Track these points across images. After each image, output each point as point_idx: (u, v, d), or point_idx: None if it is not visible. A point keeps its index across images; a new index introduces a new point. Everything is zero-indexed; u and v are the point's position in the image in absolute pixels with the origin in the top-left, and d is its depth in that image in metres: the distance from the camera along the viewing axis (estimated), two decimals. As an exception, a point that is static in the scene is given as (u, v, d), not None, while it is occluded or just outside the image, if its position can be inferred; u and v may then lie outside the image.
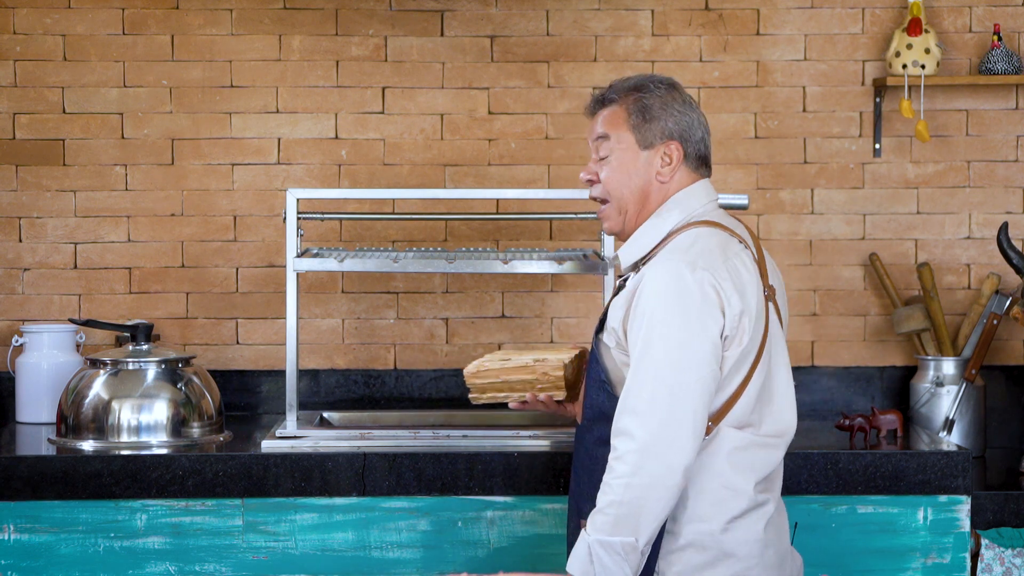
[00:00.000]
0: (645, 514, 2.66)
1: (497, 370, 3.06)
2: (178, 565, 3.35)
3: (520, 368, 3.05)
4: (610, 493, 2.68)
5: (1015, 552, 3.42)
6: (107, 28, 4.08)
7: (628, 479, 2.66)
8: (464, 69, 4.11)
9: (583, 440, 2.93)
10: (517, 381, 3.05)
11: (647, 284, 2.75)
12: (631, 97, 2.90)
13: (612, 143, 2.89)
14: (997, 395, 4.07)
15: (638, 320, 2.74)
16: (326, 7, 4.10)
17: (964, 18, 4.13)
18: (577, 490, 2.93)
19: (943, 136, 4.13)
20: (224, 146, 4.11)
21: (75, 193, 4.10)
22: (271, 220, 4.11)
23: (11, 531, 3.34)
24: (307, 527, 3.36)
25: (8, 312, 4.10)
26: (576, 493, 2.94)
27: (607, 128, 2.90)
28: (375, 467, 3.36)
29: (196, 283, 4.11)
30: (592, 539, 2.69)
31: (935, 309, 3.98)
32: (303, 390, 4.04)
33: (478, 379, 3.08)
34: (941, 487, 3.37)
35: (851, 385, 4.13)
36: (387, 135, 4.12)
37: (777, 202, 4.14)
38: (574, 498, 2.95)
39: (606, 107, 2.92)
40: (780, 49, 4.13)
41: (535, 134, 4.12)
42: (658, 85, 2.90)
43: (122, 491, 3.34)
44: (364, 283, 4.12)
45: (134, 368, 3.61)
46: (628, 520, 2.66)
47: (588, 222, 4.02)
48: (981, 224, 4.13)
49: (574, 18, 4.11)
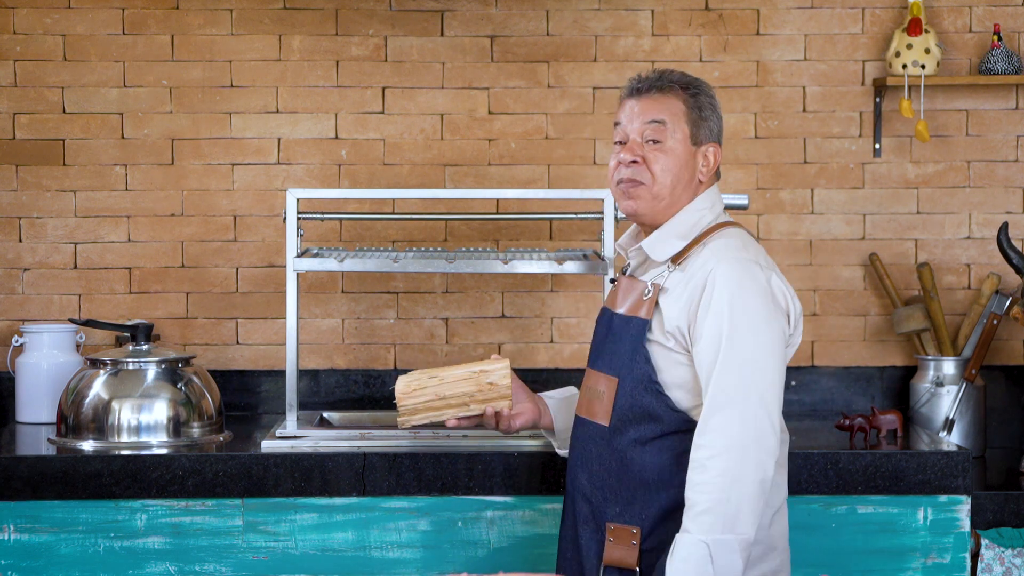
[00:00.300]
0: (750, 508, 2.66)
1: (435, 386, 2.96)
2: (178, 565, 3.35)
3: (461, 380, 2.97)
4: (713, 492, 2.65)
5: (1015, 552, 3.41)
6: (107, 28, 4.08)
7: (732, 475, 2.65)
8: (464, 69, 4.12)
9: (611, 443, 2.85)
10: (455, 396, 2.97)
11: (722, 281, 2.74)
12: (687, 92, 2.91)
13: (669, 131, 2.87)
14: (997, 395, 4.07)
15: (716, 317, 2.72)
16: (326, 7, 4.10)
17: (964, 18, 4.13)
18: (599, 495, 2.87)
19: (943, 136, 4.13)
20: (224, 146, 4.11)
21: (75, 193, 4.10)
22: (271, 220, 4.11)
23: (11, 531, 3.34)
24: (307, 527, 3.36)
25: (8, 312, 4.10)
26: (596, 497, 2.87)
27: (666, 115, 2.88)
28: (375, 467, 3.35)
29: (196, 283, 4.11)
30: (708, 539, 2.64)
31: (935, 309, 3.98)
32: (303, 390, 4.04)
33: (411, 399, 2.96)
34: (941, 487, 3.37)
35: (851, 385, 4.13)
36: (387, 135, 4.12)
37: (777, 202, 4.14)
38: (590, 502, 2.89)
39: (663, 93, 2.89)
40: (780, 49, 4.13)
41: (535, 134, 4.12)
42: (705, 86, 2.95)
43: (122, 491, 3.34)
44: (364, 283, 4.12)
45: (134, 368, 3.61)
46: (738, 516, 2.65)
47: (588, 222, 4.02)
48: (981, 224, 4.13)
49: (574, 18, 4.11)
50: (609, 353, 2.89)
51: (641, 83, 2.91)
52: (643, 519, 2.81)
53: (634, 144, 2.88)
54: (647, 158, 2.86)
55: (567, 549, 2.97)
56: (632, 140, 2.88)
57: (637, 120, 2.88)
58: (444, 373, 3.01)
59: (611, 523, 2.83)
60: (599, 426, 2.88)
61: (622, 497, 2.82)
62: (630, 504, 2.82)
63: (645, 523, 2.81)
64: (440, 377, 3.00)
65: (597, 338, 2.98)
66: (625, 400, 2.83)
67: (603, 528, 2.85)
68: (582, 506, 2.91)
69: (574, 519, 2.94)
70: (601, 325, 2.98)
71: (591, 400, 2.92)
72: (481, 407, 3.03)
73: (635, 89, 2.91)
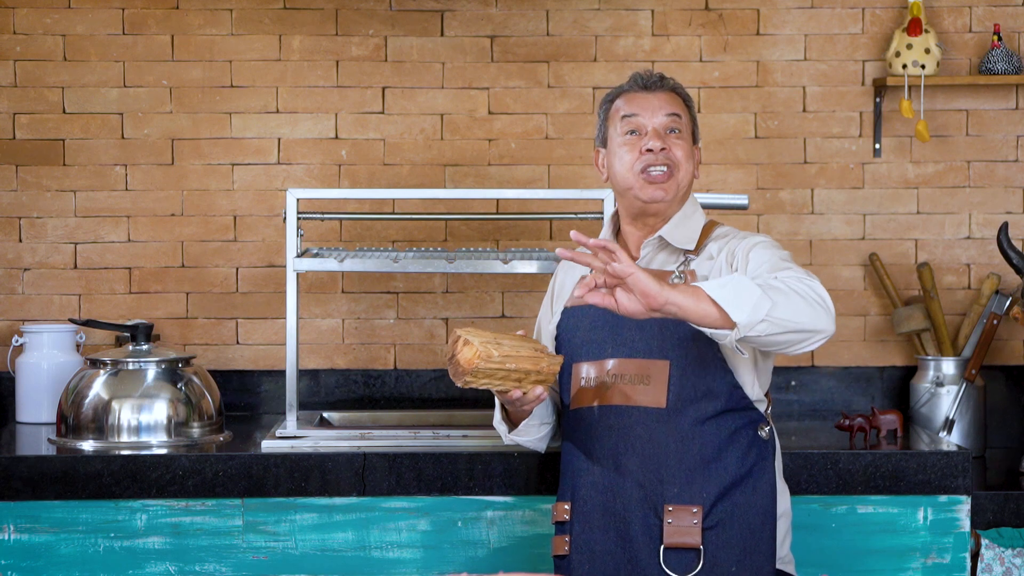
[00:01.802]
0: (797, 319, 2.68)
1: (504, 357, 2.84)
2: (178, 565, 3.35)
3: (526, 358, 2.86)
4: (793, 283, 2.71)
5: (1015, 552, 3.42)
6: (107, 28, 4.08)
7: (829, 307, 2.72)
8: (464, 69, 4.12)
9: (669, 423, 2.88)
10: (515, 371, 2.86)
11: (755, 237, 2.95)
12: (682, 95, 3.07)
13: (683, 125, 3.02)
14: (997, 395, 4.07)
15: (760, 246, 2.89)
16: (326, 7, 4.10)
17: (964, 18, 4.13)
18: (653, 477, 2.89)
19: (943, 136, 4.13)
20: (224, 146, 4.11)
21: (75, 193, 4.10)
22: (271, 220, 4.11)
23: (11, 531, 3.34)
24: (307, 527, 3.36)
25: (8, 312, 4.10)
26: (650, 480, 2.89)
27: (681, 111, 3.03)
28: (375, 467, 3.36)
29: (196, 283, 4.11)
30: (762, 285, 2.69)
31: (935, 309, 3.98)
32: (303, 390, 4.04)
33: (490, 364, 2.81)
34: (941, 487, 3.37)
35: (851, 385, 4.13)
36: (387, 135, 4.12)
37: (777, 202, 4.14)
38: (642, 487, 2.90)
39: (668, 92, 3.04)
40: (780, 49, 4.13)
41: (535, 134, 4.12)
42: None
43: (122, 491, 3.34)
44: (364, 283, 4.12)
45: (134, 368, 3.61)
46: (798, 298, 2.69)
47: (588, 222, 4.02)
48: (981, 224, 4.13)
49: (574, 18, 4.11)
50: (640, 340, 2.92)
51: (649, 80, 3.04)
52: (704, 497, 2.87)
53: (657, 133, 2.99)
54: (672, 146, 2.99)
55: (598, 541, 2.95)
56: (654, 130, 2.99)
57: (659, 113, 3.01)
58: (507, 342, 2.86)
59: (669, 504, 2.87)
60: (650, 410, 2.91)
61: (680, 477, 2.88)
62: (689, 484, 2.88)
63: (706, 501, 2.87)
64: (507, 347, 2.85)
65: (603, 330, 2.97)
66: (686, 380, 2.90)
67: (660, 511, 2.88)
68: (632, 492, 2.92)
69: (616, 508, 2.93)
70: (607, 314, 2.92)
71: (626, 387, 2.93)
72: (531, 386, 2.91)
73: (645, 84, 3.04)
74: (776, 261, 2.85)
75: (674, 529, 2.87)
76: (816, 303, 2.70)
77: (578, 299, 2.64)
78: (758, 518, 2.90)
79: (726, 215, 4.00)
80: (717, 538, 2.87)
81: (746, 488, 2.90)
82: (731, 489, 2.89)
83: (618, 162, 3.00)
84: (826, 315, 2.71)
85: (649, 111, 3.00)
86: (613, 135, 3.03)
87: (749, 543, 2.89)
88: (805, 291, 2.70)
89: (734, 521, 2.88)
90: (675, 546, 2.87)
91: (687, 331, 2.89)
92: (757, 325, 2.62)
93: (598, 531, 2.95)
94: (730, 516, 2.88)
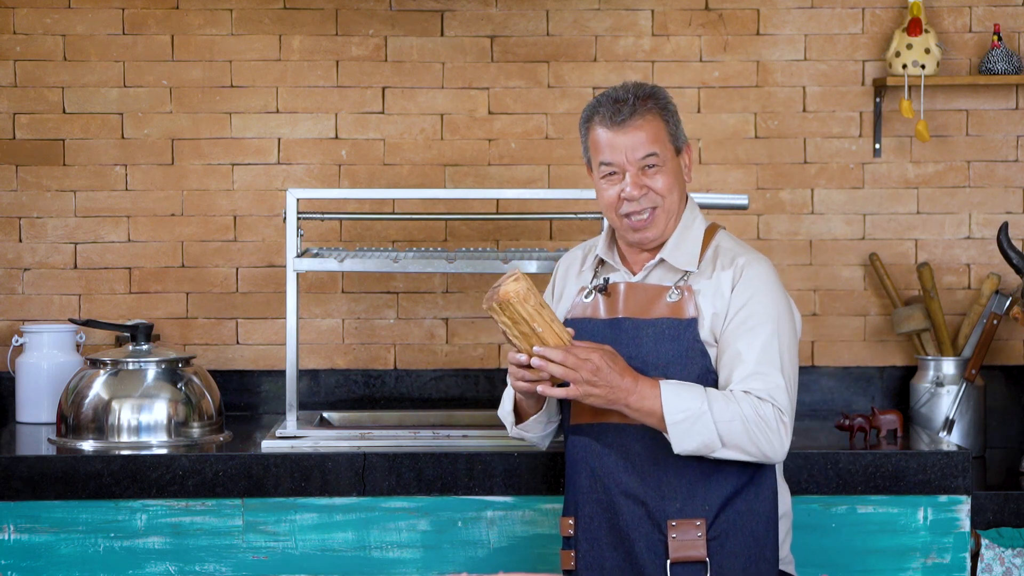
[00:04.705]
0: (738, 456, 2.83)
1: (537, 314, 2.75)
2: (178, 565, 3.35)
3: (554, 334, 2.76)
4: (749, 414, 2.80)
5: (1015, 552, 3.42)
6: (107, 28, 4.08)
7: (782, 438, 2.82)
8: (464, 69, 4.12)
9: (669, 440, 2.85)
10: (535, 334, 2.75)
11: (756, 273, 2.90)
12: (658, 105, 2.93)
13: (661, 153, 2.92)
14: (997, 395, 4.07)
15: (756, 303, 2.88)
16: (326, 7, 4.10)
17: (964, 18, 4.13)
18: (654, 494, 2.88)
19: (943, 136, 4.13)
20: (224, 146, 4.11)
21: (75, 193, 4.10)
22: (271, 220, 4.11)
23: (11, 531, 3.34)
24: (307, 527, 3.36)
25: (8, 312, 4.10)
26: (652, 497, 2.88)
27: (656, 146, 2.91)
28: (375, 467, 3.36)
29: (196, 283, 4.11)
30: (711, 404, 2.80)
31: (935, 309, 3.98)
32: (303, 390, 4.04)
33: (521, 307, 2.74)
34: (941, 487, 3.37)
35: (851, 385, 4.13)
36: (387, 135, 4.12)
37: (777, 202, 4.14)
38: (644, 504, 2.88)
39: (641, 117, 2.90)
40: (780, 49, 4.13)
41: (535, 134, 4.12)
42: (664, 91, 2.98)
43: (122, 491, 3.34)
44: (364, 283, 4.12)
45: (134, 368, 3.61)
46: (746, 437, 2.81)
47: (588, 222, 4.02)
48: (981, 224, 4.13)
49: (574, 18, 4.11)
50: (636, 357, 2.89)
51: (616, 113, 2.90)
52: (706, 509, 2.87)
53: (635, 177, 2.90)
54: (651, 184, 2.91)
55: (605, 558, 2.93)
56: (631, 175, 2.91)
57: (633, 155, 2.90)
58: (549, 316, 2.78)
59: (672, 519, 2.87)
60: (648, 427, 2.86)
61: (682, 492, 2.87)
62: (691, 497, 2.87)
63: (709, 513, 2.87)
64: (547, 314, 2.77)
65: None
66: None
67: (664, 527, 2.88)
68: (633, 509, 2.90)
69: (620, 525, 2.91)
70: (609, 329, 2.93)
71: None
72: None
73: (612, 121, 2.90)
74: (760, 360, 2.85)
75: (679, 544, 2.87)
76: (766, 443, 2.81)
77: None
78: (761, 524, 2.90)
79: (726, 215, 4.00)
80: (722, 548, 2.87)
81: (748, 495, 2.89)
82: (733, 498, 2.88)
83: (601, 196, 2.96)
84: (772, 452, 2.83)
85: (622, 154, 2.89)
86: (593, 164, 2.97)
87: (754, 550, 2.88)
88: (763, 427, 2.81)
89: (738, 530, 2.88)
90: (681, 560, 2.87)
91: (683, 347, 2.89)
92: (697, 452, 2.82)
93: (603, 548, 2.94)
94: (733, 525, 2.88)
